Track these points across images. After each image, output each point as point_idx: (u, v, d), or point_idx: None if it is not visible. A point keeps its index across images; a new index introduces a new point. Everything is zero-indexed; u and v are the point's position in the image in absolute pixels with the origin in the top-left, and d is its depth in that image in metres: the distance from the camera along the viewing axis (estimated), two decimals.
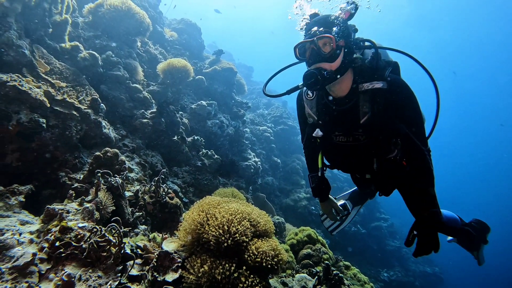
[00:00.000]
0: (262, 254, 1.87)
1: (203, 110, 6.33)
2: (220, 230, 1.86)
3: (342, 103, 1.64)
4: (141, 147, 4.33)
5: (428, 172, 1.53)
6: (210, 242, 1.86)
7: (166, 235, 2.32)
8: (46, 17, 3.36)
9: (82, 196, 2.29)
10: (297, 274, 3.08)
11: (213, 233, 1.85)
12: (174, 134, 5.05)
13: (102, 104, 3.62)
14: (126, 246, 1.98)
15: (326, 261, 3.59)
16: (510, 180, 50.39)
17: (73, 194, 2.28)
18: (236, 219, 1.93)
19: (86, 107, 3.32)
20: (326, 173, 2.04)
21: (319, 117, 1.75)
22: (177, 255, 1.97)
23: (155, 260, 1.96)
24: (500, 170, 53.09)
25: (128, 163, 3.71)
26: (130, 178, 3.47)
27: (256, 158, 7.58)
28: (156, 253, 2.01)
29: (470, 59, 44.65)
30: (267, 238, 2.07)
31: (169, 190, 3.16)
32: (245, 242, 1.90)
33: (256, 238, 2.01)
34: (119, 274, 1.78)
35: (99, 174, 2.49)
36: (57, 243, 1.79)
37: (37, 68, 3.06)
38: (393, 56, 1.80)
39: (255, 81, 20.20)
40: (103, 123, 3.58)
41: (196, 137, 5.52)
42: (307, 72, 1.54)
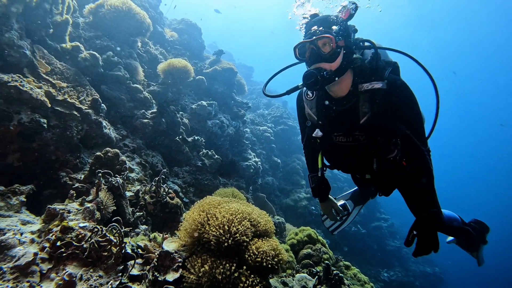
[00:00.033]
0: (263, 254, 1.88)
1: (203, 110, 6.34)
2: (220, 230, 1.86)
3: (342, 103, 1.64)
4: (141, 147, 4.34)
5: (428, 172, 1.53)
6: (210, 242, 1.86)
7: (166, 235, 2.32)
8: (47, 17, 3.37)
9: (83, 196, 2.30)
10: (298, 274, 3.09)
11: (213, 233, 1.86)
12: (175, 134, 5.05)
13: (103, 104, 3.63)
14: (127, 246, 1.98)
15: (326, 261, 3.59)
16: (510, 180, 50.37)
17: (74, 194, 2.29)
18: (237, 219, 1.94)
19: (87, 107, 3.32)
20: (326, 173, 2.04)
21: (319, 117, 1.75)
22: (178, 255, 1.98)
23: (156, 260, 1.96)
24: (500, 170, 53.09)
25: (129, 163, 3.72)
26: (130, 178, 3.48)
27: (256, 158, 7.59)
28: (157, 253, 2.02)
29: (470, 59, 44.62)
30: (268, 238, 2.07)
31: (169, 190, 3.17)
32: (245, 242, 1.90)
33: (256, 238, 2.01)
34: (120, 274, 1.79)
35: (100, 174, 2.50)
36: (58, 243, 1.79)
37: (38, 68, 3.06)
38: (392, 56, 1.80)
39: (255, 81, 20.19)
40: (104, 123, 3.59)
41: (196, 137, 5.53)
42: (306, 72, 1.54)
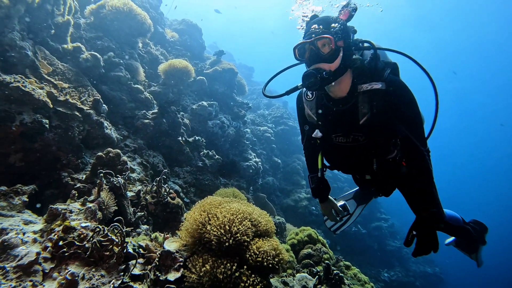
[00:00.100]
0: (263, 253, 1.89)
1: (204, 111, 6.35)
2: (221, 230, 1.87)
3: (341, 103, 1.65)
4: (142, 148, 4.35)
5: (427, 172, 1.53)
6: (211, 241, 1.87)
7: (167, 235, 2.33)
8: (49, 18, 3.39)
9: (85, 196, 2.31)
10: (298, 274, 3.10)
11: (214, 232, 1.87)
12: (176, 134, 5.07)
13: (104, 105, 3.65)
14: (129, 246, 1.99)
15: (327, 261, 3.61)
16: (510, 180, 50.35)
17: (76, 194, 2.30)
18: (238, 219, 1.95)
19: (88, 108, 3.34)
20: (327, 174, 2.04)
21: (319, 118, 1.76)
22: (179, 255, 1.99)
23: (158, 259, 1.97)
24: (500, 170, 53.06)
25: (130, 163, 3.73)
26: (132, 178, 3.49)
27: (256, 159, 7.59)
28: (158, 252, 2.03)
29: (470, 59, 44.58)
30: (268, 238, 2.08)
31: (170, 190, 3.18)
32: (246, 242, 1.91)
33: (257, 238, 2.02)
34: (122, 273, 1.80)
35: (101, 174, 2.51)
36: (61, 243, 1.80)
37: (39, 69, 3.08)
38: (392, 57, 1.81)
39: (255, 81, 20.20)
40: (105, 123, 3.61)
41: (197, 138, 5.54)
42: (306, 72, 1.55)
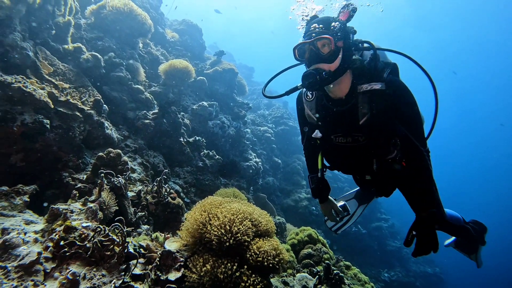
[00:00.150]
0: (264, 253, 1.89)
1: (204, 111, 6.36)
2: (222, 230, 1.88)
3: (341, 104, 1.65)
4: (143, 148, 4.36)
5: (427, 172, 1.54)
6: (212, 241, 1.88)
7: (168, 235, 2.34)
8: (50, 19, 3.40)
9: (86, 196, 2.32)
10: (298, 274, 3.11)
11: (215, 232, 1.87)
12: (176, 134, 5.08)
13: (105, 105, 3.66)
14: (129, 246, 2.00)
15: (327, 261, 3.61)
16: (510, 180, 50.32)
17: (77, 194, 2.31)
18: (238, 219, 1.95)
19: (89, 108, 3.35)
20: (327, 174, 2.04)
21: (319, 118, 1.76)
22: (180, 255, 2.00)
23: (158, 259, 1.98)
24: (500, 170, 53.04)
25: (131, 163, 3.74)
26: (132, 179, 3.50)
27: (257, 159, 7.60)
28: (159, 252, 2.04)
29: (470, 59, 44.61)
30: (269, 238, 2.09)
31: (171, 191, 3.19)
32: (246, 242, 1.92)
33: (257, 238, 2.03)
34: (123, 273, 1.81)
35: (102, 174, 2.52)
36: (62, 242, 1.81)
37: (40, 69, 3.09)
38: (392, 57, 1.82)
39: (256, 81, 20.21)
40: (106, 123, 3.61)
41: (197, 138, 5.55)
42: (306, 72, 1.56)
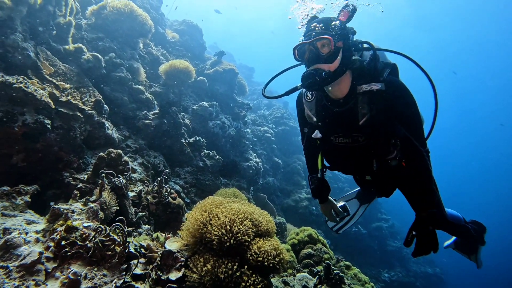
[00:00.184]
0: (264, 253, 1.90)
1: (204, 111, 6.37)
2: (222, 230, 1.89)
3: (341, 104, 1.66)
4: (143, 148, 4.37)
5: (426, 173, 1.54)
6: (213, 241, 1.88)
7: (169, 235, 2.34)
8: (51, 19, 3.40)
9: (87, 196, 2.33)
10: (298, 274, 3.11)
11: (215, 232, 1.88)
12: (177, 135, 5.09)
13: (105, 106, 3.66)
14: (130, 246, 2.01)
15: (327, 261, 3.62)
16: (510, 180, 50.29)
17: (78, 194, 2.32)
18: (238, 219, 1.96)
19: (90, 108, 3.35)
20: (327, 174, 2.04)
21: (318, 118, 1.77)
22: (180, 254, 2.00)
23: (159, 259, 1.99)
24: (500, 170, 53.01)
25: (131, 163, 3.74)
26: (133, 179, 3.50)
27: (257, 159, 7.61)
28: (160, 252, 2.05)
29: (470, 59, 44.59)
30: (269, 238, 2.09)
31: (171, 191, 3.20)
32: (247, 242, 1.92)
33: (258, 238, 2.03)
34: (124, 273, 1.81)
35: (103, 174, 2.53)
36: (63, 242, 1.82)
37: (41, 70, 3.10)
38: (391, 57, 1.82)
39: (256, 81, 20.22)
40: (107, 124, 3.62)
41: (198, 138, 5.56)
42: (305, 72, 1.56)
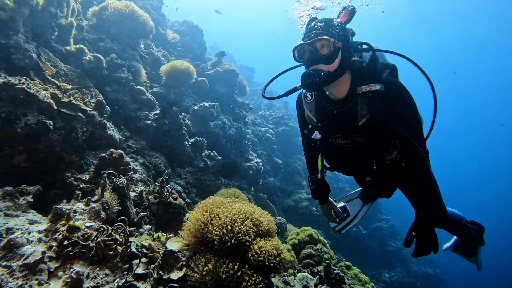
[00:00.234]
0: (265, 253, 1.91)
1: (205, 112, 6.39)
2: (223, 230, 1.90)
3: (341, 105, 1.66)
4: (145, 148, 4.38)
5: (425, 173, 1.55)
6: (214, 241, 1.90)
7: (170, 235, 2.36)
8: (52, 20, 3.42)
9: (89, 196, 2.34)
10: (299, 273, 3.12)
11: (216, 232, 1.89)
12: (178, 135, 5.10)
13: (107, 106, 3.68)
14: (132, 245, 2.02)
15: (327, 261, 3.63)
16: (510, 180, 50.22)
17: (80, 194, 2.33)
18: (239, 219, 1.97)
19: (92, 109, 3.37)
20: (328, 174, 2.04)
21: (318, 119, 1.77)
22: (182, 254, 2.02)
23: (160, 259, 2.00)
24: (500, 170, 52.92)
25: (133, 164, 3.76)
26: (134, 179, 3.52)
27: (257, 159, 7.62)
28: (161, 252, 2.06)
29: (470, 59, 44.56)
30: (270, 238, 2.10)
31: (172, 191, 3.21)
32: (248, 242, 1.93)
33: (258, 238, 2.04)
34: (126, 273, 1.83)
35: (105, 174, 2.54)
36: (65, 242, 1.83)
37: (43, 71, 3.12)
38: (391, 58, 1.83)
39: (256, 82, 20.23)
40: (108, 124, 3.64)
41: (198, 138, 5.57)
42: (304, 73, 1.56)
